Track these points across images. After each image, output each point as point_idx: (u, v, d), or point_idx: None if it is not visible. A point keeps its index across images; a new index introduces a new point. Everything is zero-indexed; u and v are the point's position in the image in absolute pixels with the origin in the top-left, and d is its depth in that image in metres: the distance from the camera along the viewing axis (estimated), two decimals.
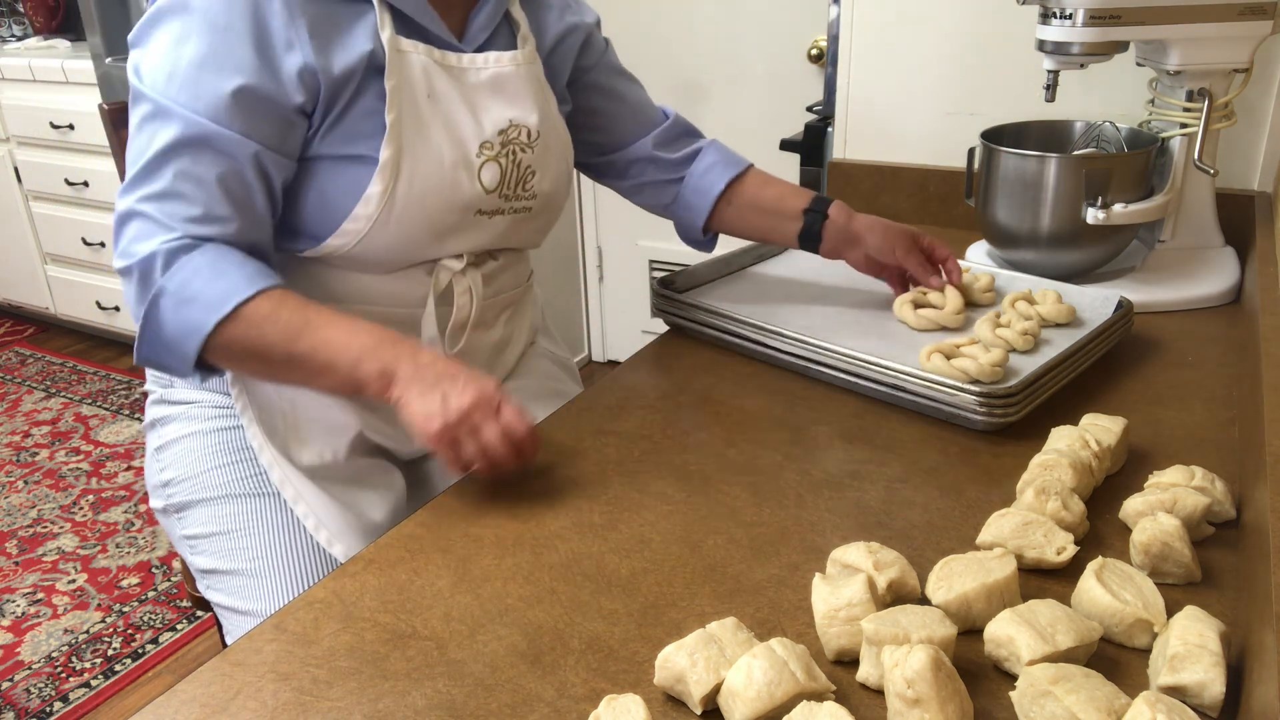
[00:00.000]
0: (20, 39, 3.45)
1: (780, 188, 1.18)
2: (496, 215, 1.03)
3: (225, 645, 1.03)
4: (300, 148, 0.93)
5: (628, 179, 1.21)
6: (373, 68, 0.93)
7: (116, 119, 1.17)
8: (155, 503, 1.08)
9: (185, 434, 1.05)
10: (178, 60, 0.87)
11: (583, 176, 1.28)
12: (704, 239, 1.23)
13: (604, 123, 1.18)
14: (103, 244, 3.06)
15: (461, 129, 0.98)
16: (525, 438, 0.84)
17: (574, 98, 1.15)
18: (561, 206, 1.12)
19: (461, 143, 0.98)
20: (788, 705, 0.58)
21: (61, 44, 3.28)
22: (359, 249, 0.96)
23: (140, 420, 2.67)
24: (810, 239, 1.15)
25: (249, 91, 0.87)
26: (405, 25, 0.96)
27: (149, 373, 1.11)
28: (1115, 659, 0.64)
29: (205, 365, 0.90)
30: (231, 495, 1.01)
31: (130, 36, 0.92)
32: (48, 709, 1.79)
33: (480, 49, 1.01)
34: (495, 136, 1.00)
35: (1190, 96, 1.18)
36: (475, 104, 0.99)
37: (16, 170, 3.17)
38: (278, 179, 0.92)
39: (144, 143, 0.88)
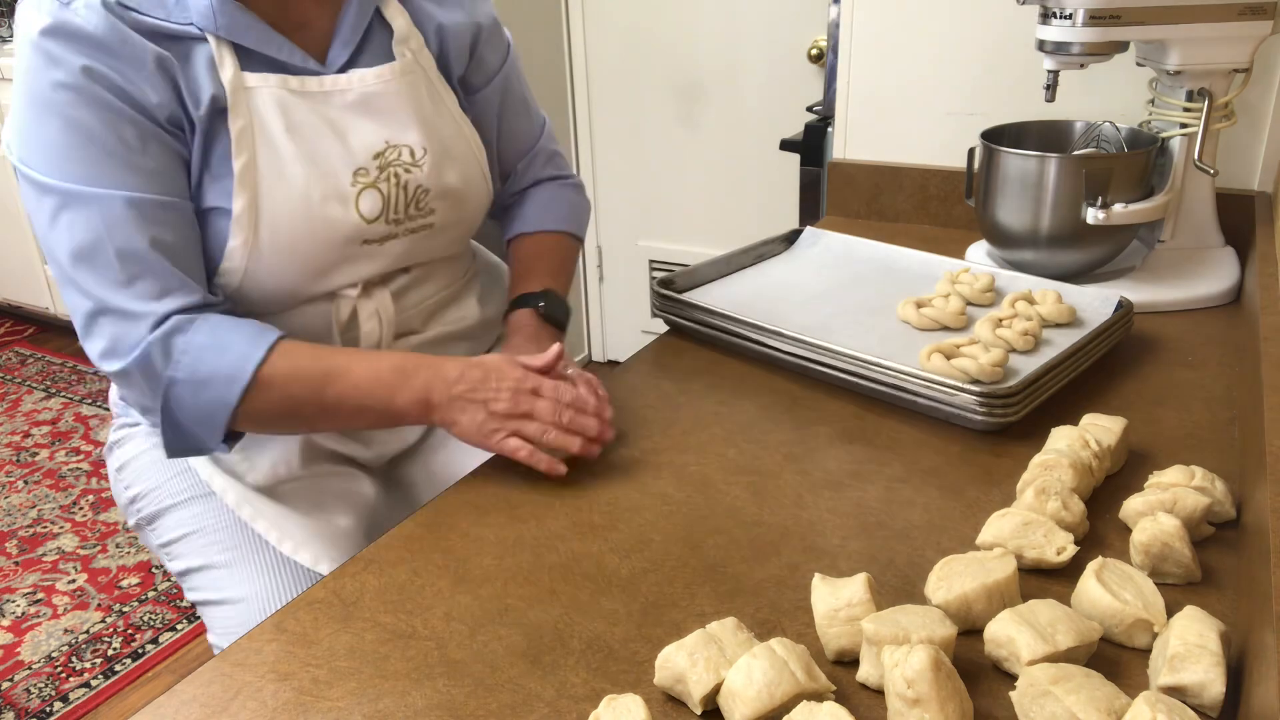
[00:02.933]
0: None
1: (529, 271, 1.12)
2: (389, 240, 0.98)
3: (213, 648, 1.03)
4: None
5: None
6: (218, 110, 0.88)
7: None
8: (130, 520, 1.08)
9: (141, 450, 1.06)
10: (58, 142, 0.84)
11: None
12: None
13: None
14: None
15: (329, 160, 0.93)
16: (581, 401, 0.86)
17: None
18: (483, 206, 1.08)
19: (330, 175, 0.93)
20: (788, 705, 0.58)
21: None
22: (242, 292, 0.94)
23: None
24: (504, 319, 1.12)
25: (143, 134, 0.85)
26: (250, 58, 0.90)
27: (112, 396, 1.11)
28: (1115, 659, 0.64)
29: (233, 435, 0.89)
30: (195, 497, 1.02)
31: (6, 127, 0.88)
32: (48, 709, 1.79)
33: (347, 66, 0.95)
34: (370, 161, 0.94)
35: (1190, 96, 1.18)
36: (343, 129, 0.94)
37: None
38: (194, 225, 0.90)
39: (63, 232, 0.84)
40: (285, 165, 0.91)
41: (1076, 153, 1.27)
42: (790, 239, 1.36)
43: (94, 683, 1.85)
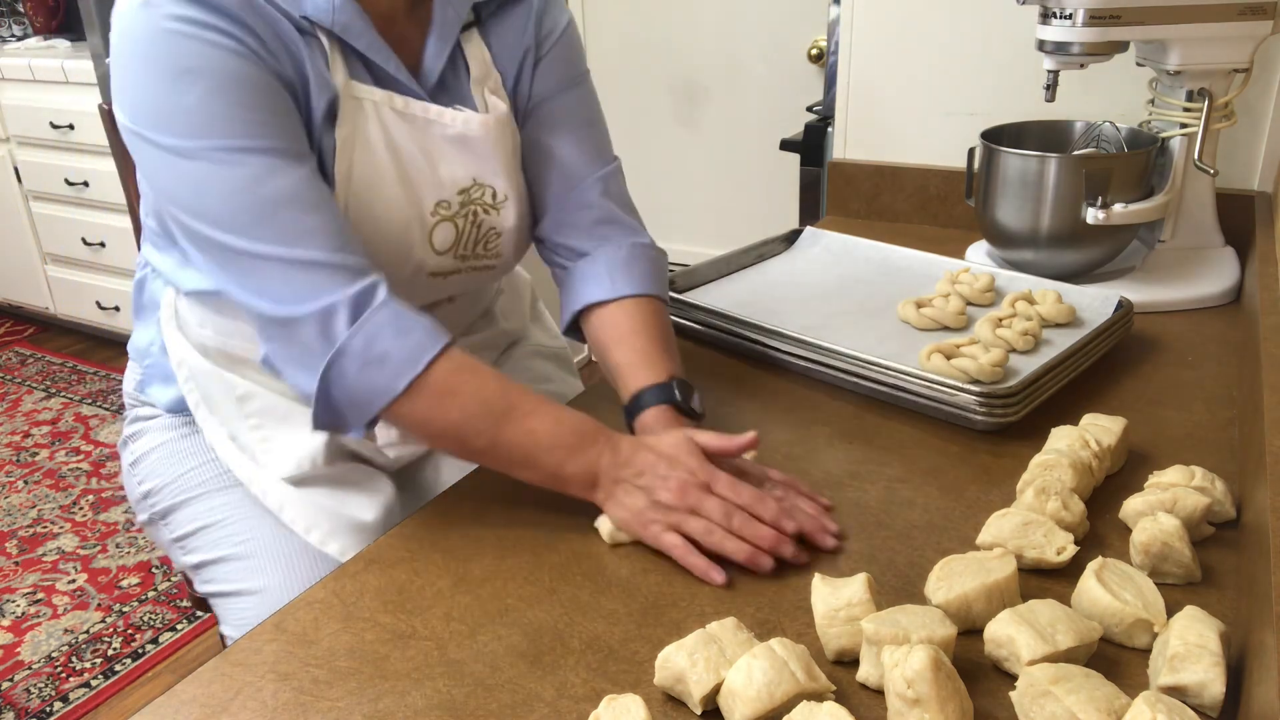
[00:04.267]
0: (20, 39, 3.45)
1: (634, 354, 0.93)
2: (453, 275, 0.97)
3: (224, 639, 1.03)
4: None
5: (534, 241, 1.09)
6: (330, 112, 0.86)
7: (116, 119, 1.17)
8: (140, 516, 1.08)
9: (157, 444, 1.05)
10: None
11: None
12: (574, 336, 1.04)
13: (527, 180, 1.02)
14: (103, 244, 3.06)
15: (417, 186, 0.91)
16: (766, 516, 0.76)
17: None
18: (523, 254, 1.05)
19: (415, 202, 0.91)
20: (788, 705, 0.58)
21: (61, 44, 3.28)
22: None
23: None
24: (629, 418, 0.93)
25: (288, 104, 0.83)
26: (356, 65, 0.88)
27: (125, 388, 1.10)
28: (1115, 659, 0.64)
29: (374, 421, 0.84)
30: (212, 490, 1.01)
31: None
32: (48, 709, 1.79)
33: (438, 96, 0.93)
34: (454, 196, 0.93)
35: (1190, 96, 1.18)
36: (435, 159, 0.92)
37: (16, 170, 3.17)
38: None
39: (222, 189, 0.80)
40: (379, 182, 0.89)
41: (1076, 153, 1.27)
42: (790, 239, 1.36)
43: (94, 683, 1.85)
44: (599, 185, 1.01)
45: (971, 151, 1.30)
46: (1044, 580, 0.72)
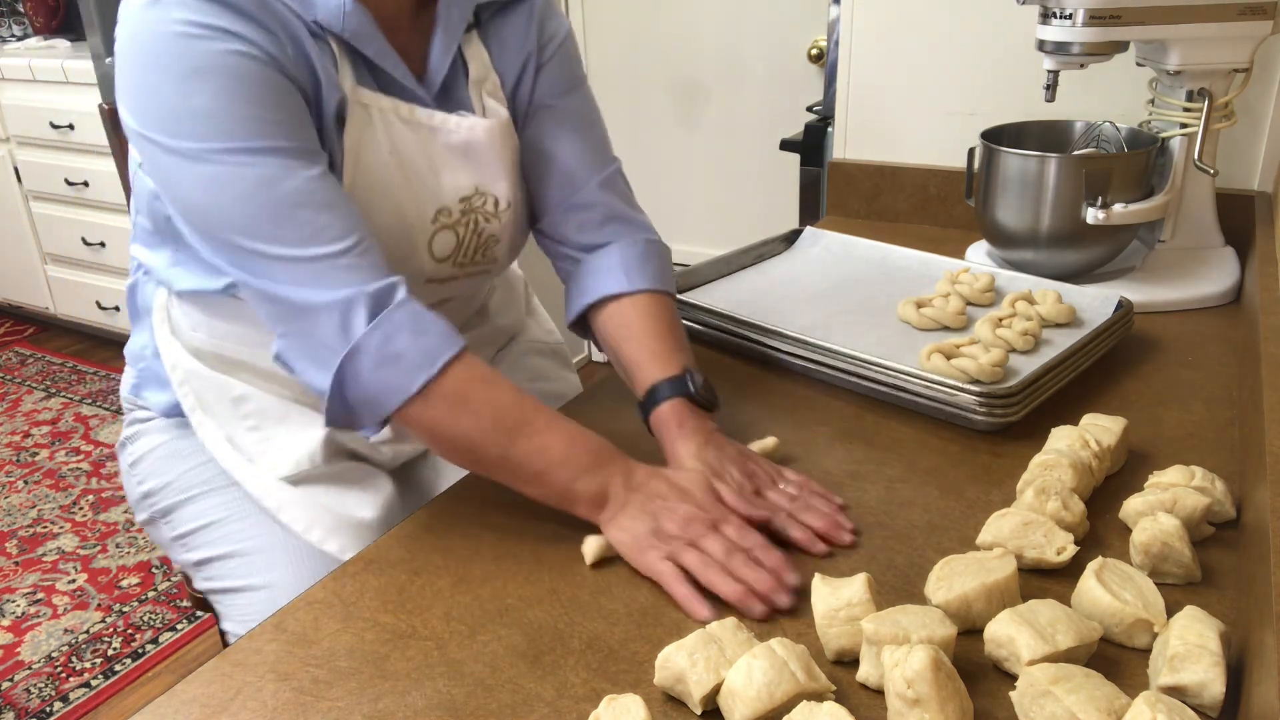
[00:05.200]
0: (20, 39, 3.45)
1: (647, 348, 0.93)
2: (450, 281, 0.97)
3: (225, 638, 1.03)
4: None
5: (536, 237, 1.08)
6: (338, 118, 0.86)
7: (116, 119, 1.16)
8: (140, 516, 1.07)
9: (156, 444, 1.05)
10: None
11: None
12: (578, 331, 1.04)
13: (528, 182, 1.02)
14: (103, 244, 3.06)
15: (419, 194, 0.90)
16: (764, 562, 0.73)
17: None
18: (518, 254, 1.06)
19: (416, 210, 0.90)
20: (788, 705, 0.58)
21: (61, 44, 3.28)
22: None
23: None
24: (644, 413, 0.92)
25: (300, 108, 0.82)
26: (363, 71, 0.87)
27: (123, 391, 1.10)
28: (1115, 659, 0.64)
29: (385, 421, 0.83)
30: (214, 488, 1.01)
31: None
32: (48, 709, 1.79)
33: (441, 100, 0.92)
34: (455, 204, 0.93)
35: (1190, 96, 1.18)
36: (438, 167, 0.91)
37: (16, 170, 3.17)
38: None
39: (234, 192, 0.79)
40: (382, 189, 0.88)
41: (1076, 153, 1.27)
42: (790, 239, 1.36)
43: (94, 683, 1.85)
44: (606, 183, 1.02)
45: (971, 151, 1.30)
46: (1044, 580, 0.72)
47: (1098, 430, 0.84)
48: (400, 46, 0.90)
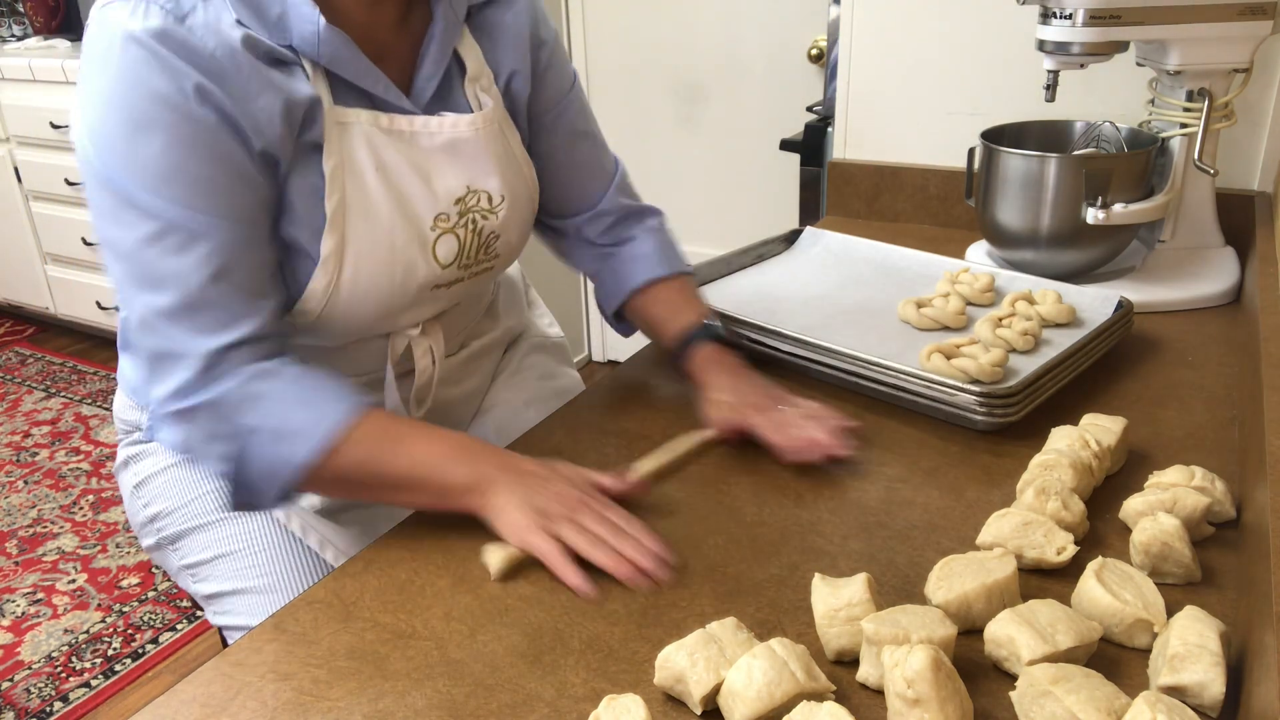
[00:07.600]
0: (20, 39, 3.45)
1: (675, 303, 1.04)
2: (456, 285, 0.96)
3: (225, 638, 1.03)
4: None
5: (547, 237, 1.13)
6: (314, 146, 0.83)
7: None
8: (146, 540, 1.03)
9: (163, 466, 1.01)
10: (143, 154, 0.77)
11: None
12: (616, 323, 1.12)
13: (542, 188, 1.04)
14: None
15: (413, 203, 0.89)
16: (637, 538, 0.76)
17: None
18: (521, 249, 1.06)
19: (414, 219, 0.89)
20: (788, 705, 0.58)
21: (61, 44, 3.28)
22: (304, 330, 0.91)
23: None
24: (679, 360, 1.02)
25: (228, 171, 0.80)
26: (341, 90, 0.85)
27: (116, 409, 1.06)
28: (1115, 659, 0.64)
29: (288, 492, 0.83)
30: (227, 518, 0.97)
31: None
32: (48, 709, 1.79)
33: (431, 105, 0.91)
34: (451, 207, 0.91)
35: (1190, 96, 1.18)
36: (428, 172, 0.90)
37: (16, 170, 3.17)
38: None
39: (159, 256, 0.78)
40: (373, 208, 0.87)
41: (1076, 153, 1.27)
42: (790, 239, 1.36)
43: (94, 683, 1.85)
44: (620, 187, 1.10)
45: (971, 151, 1.30)
46: (1044, 580, 0.72)
47: (1098, 430, 0.84)
48: (381, 53, 0.88)
